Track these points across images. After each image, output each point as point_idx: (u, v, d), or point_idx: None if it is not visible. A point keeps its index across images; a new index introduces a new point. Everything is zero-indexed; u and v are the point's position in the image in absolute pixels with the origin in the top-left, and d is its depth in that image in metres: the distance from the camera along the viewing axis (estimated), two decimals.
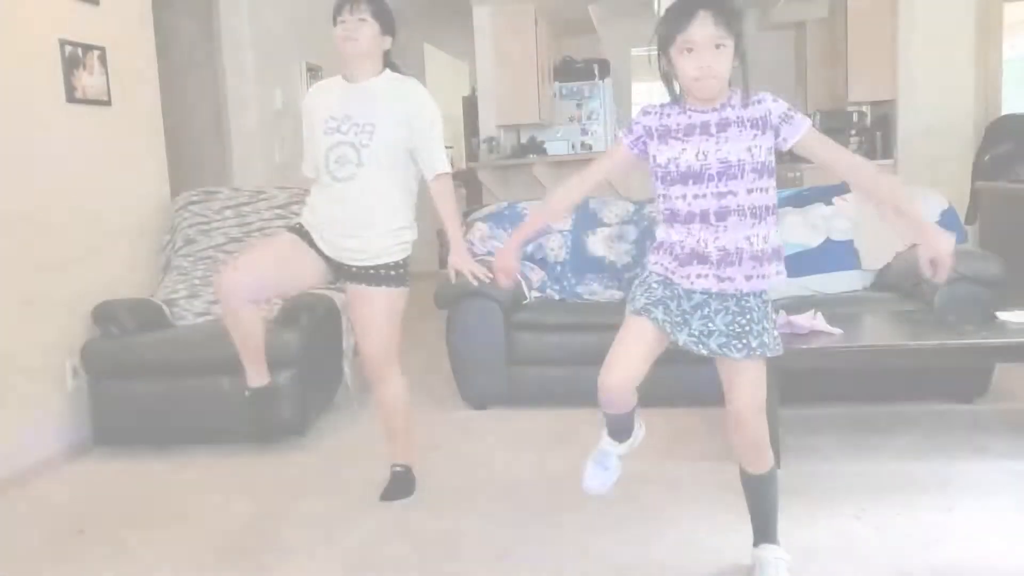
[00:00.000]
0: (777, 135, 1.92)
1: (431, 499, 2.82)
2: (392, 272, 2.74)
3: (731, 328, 1.96)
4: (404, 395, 2.86)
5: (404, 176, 2.72)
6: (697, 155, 1.92)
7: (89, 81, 3.64)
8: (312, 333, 3.50)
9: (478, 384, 3.81)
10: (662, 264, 2.01)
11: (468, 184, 9.33)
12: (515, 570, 2.30)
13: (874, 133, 6.65)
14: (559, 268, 4.17)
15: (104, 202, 3.74)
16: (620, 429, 2.20)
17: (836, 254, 3.88)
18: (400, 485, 2.85)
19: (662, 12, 2.01)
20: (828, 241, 3.91)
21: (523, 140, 7.70)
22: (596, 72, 8.31)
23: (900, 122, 6.17)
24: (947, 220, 3.96)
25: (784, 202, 4.13)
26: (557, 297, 4.10)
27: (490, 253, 4.23)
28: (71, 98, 3.54)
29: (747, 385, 2.00)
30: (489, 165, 6.94)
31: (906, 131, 6.14)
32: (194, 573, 2.40)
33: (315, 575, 2.36)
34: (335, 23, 2.66)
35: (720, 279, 1.94)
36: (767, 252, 1.94)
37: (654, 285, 2.01)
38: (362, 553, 2.46)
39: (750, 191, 1.91)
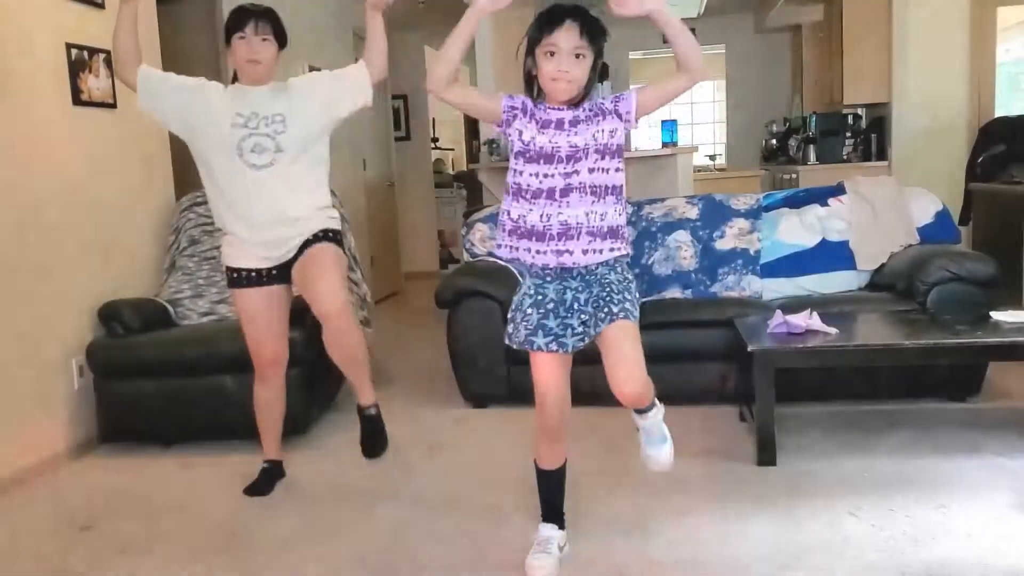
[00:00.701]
0: (619, 117, 2.07)
1: (432, 497, 2.82)
2: (331, 234, 2.79)
3: (595, 304, 2.07)
4: (362, 337, 2.85)
5: (319, 155, 2.79)
6: (550, 141, 2.06)
7: (95, 84, 3.64)
8: (315, 333, 3.49)
9: (478, 383, 3.81)
10: (507, 245, 2.12)
11: (468, 185, 9.35)
12: (516, 567, 2.30)
13: (869, 135, 6.65)
14: None
15: (109, 203, 3.74)
16: (553, 499, 2.30)
17: (831, 254, 3.89)
18: (379, 431, 2.88)
19: None
20: (824, 242, 3.91)
21: None
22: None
23: (895, 124, 6.18)
24: (941, 221, 3.97)
25: (780, 203, 4.15)
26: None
27: (490, 254, 4.23)
28: (77, 101, 3.54)
29: (627, 353, 2.04)
30: (489, 167, 6.92)
31: (900, 133, 6.15)
32: (198, 568, 2.40)
33: (318, 569, 2.36)
34: (230, 37, 2.68)
35: (559, 253, 2.05)
36: (603, 229, 2.05)
37: (528, 310, 2.13)
38: (364, 549, 2.46)
39: (591, 170, 2.04)
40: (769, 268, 3.91)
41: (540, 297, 2.12)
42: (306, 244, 2.73)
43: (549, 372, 2.13)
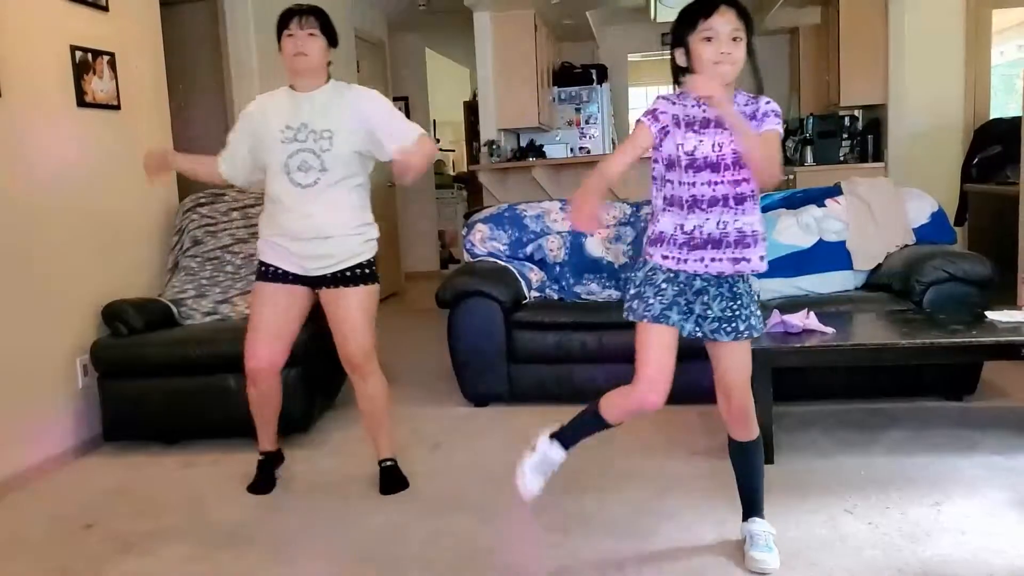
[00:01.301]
0: (759, 125, 2.04)
1: (432, 494, 2.82)
2: (365, 271, 2.76)
3: (724, 313, 2.09)
4: (385, 390, 2.88)
5: (361, 178, 2.76)
6: (713, 146, 2.02)
7: (99, 86, 3.64)
8: (316, 333, 3.49)
9: (479, 382, 3.81)
10: (672, 256, 2.07)
11: (469, 186, 9.34)
12: (515, 562, 2.30)
13: (865, 137, 6.65)
14: (558, 269, 4.16)
15: (113, 204, 3.74)
16: (583, 435, 2.29)
17: (828, 255, 3.88)
18: (397, 477, 2.88)
19: (657, 19, 2.07)
20: (820, 242, 3.90)
21: (523, 143, 7.70)
22: (594, 77, 8.32)
23: (891, 126, 6.18)
24: (937, 221, 3.97)
25: (777, 204, 4.14)
26: (556, 297, 4.10)
27: (491, 254, 4.23)
28: (81, 102, 3.54)
29: (738, 363, 2.14)
30: (489, 168, 6.93)
31: (896, 135, 6.15)
32: (201, 565, 2.40)
33: (320, 567, 2.36)
34: (280, 35, 2.68)
35: (735, 261, 2.04)
36: (759, 235, 2.07)
37: (663, 285, 2.09)
38: (366, 547, 2.46)
39: (750, 179, 2.03)
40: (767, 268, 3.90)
41: (672, 275, 2.09)
42: (342, 280, 2.72)
43: (667, 352, 2.09)
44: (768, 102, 2.08)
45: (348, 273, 2.72)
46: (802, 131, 7.09)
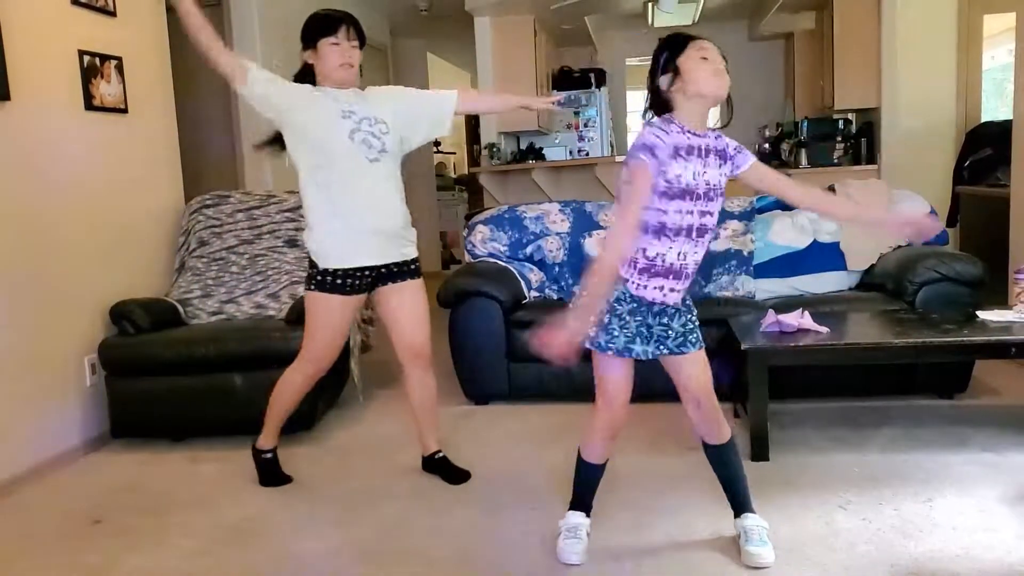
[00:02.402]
0: (733, 164, 2.11)
1: (435, 490, 2.82)
2: (417, 264, 2.86)
3: (685, 327, 2.16)
4: (434, 379, 2.94)
5: (399, 173, 2.80)
6: (694, 175, 2.03)
7: (107, 90, 3.64)
8: None
9: (479, 380, 3.81)
10: (632, 281, 2.10)
11: (469, 188, 9.35)
12: (516, 558, 2.30)
13: (859, 139, 6.65)
14: (557, 269, 4.17)
15: (121, 205, 3.75)
16: (588, 491, 2.32)
17: (823, 255, 3.88)
18: (458, 470, 2.92)
19: (654, 24, 2.10)
20: (815, 243, 3.91)
21: (523, 146, 7.70)
22: (593, 81, 8.31)
23: (884, 129, 6.18)
24: None
25: (773, 205, 4.14)
26: (555, 297, 4.10)
27: (491, 255, 4.23)
28: (89, 106, 3.54)
29: (701, 369, 2.18)
30: (490, 170, 6.93)
31: (890, 137, 6.15)
32: (207, 560, 2.40)
33: (324, 562, 2.36)
34: (321, 41, 2.64)
35: (680, 293, 2.14)
36: (699, 265, 2.15)
37: (626, 316, 2.11)
38: (369, 543, 2.46)
39: (713, 213, 2.10)
40: (762, 269, 3.91)
41: (636, 305, 2.11)
42: (402, 272, 2.77)
43: (625, 376, 2.17)
44: (723, 138, 2.14)
45: (414, 265, 2.81)
46: (797, 134, 7.10)
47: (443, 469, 2.93)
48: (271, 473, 2.98)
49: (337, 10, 2.72)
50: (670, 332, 2.14)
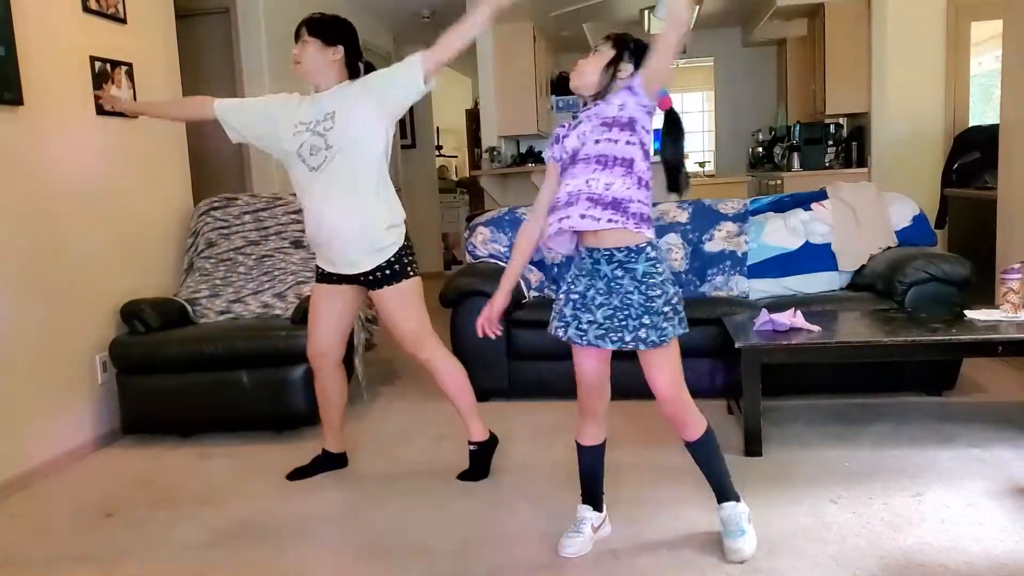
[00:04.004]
0: (630, 90, 2.04)
1: (438, 485, 2.83)
2: (399, 266, 2.74)
3: (617, 319, 2.04)
4: (456, 371, 2.87)
5: (371, 155, 2.65)
6: (577, 137, 2.08)
7: (117, 95, 3.64)
8: None
9: (480, 378, 3.77)
10: (554, 225, 2.08)
11: (471, 190, 9.34)
12: (517, 552, 2.31)
13: (850, 143, 6.66)
14: (556, 269, 4.17)
15: (131, 208, 3.75)
16: (588, 480, 2.31)
17: (814, 256, 3.89)
18: (477, 465, 2.88)
19: (650, 31, 2.10)
20: (807, 244, 3.91)
21: (522, 150, 7.72)
22: None
23: (874, 133, 6.19)
24: (918, 224, 3.98)
25: (766, 208, 4.15)
26: (554, 296, 4.10)
27: (492, 255, 4.24)
28: (100, 111, 3.55)
29: (656, 373, 2.08)
30: (490, 173, 6.94)
31: (880, 141, 6.16)
32: (216, 552, 2.41)
33: (329, 555, 2.37)
34: None
35: (560, 220, 2.04)
36: (605, 198, 1.99)
37: (564, 306, 2.14)
38: (374, 535, 2.46)
39: (597, 141, 2.03)
40: (755, 269, 3.91)
41: (574, 296, 2.12)
42: (376, 281, 2.73)
43: (584, 359, 2.15)
44: (624, 90, 2.07)
45: (378, 274, 2.73)
46: (789, 138, 7.10)
47: (470, 460, 2.91)
48: (305, 468, 2.98)
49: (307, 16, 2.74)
50: (597, 315, 2.06)
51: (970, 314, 3.12)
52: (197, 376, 3.43)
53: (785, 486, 2.62)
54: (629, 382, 2.32)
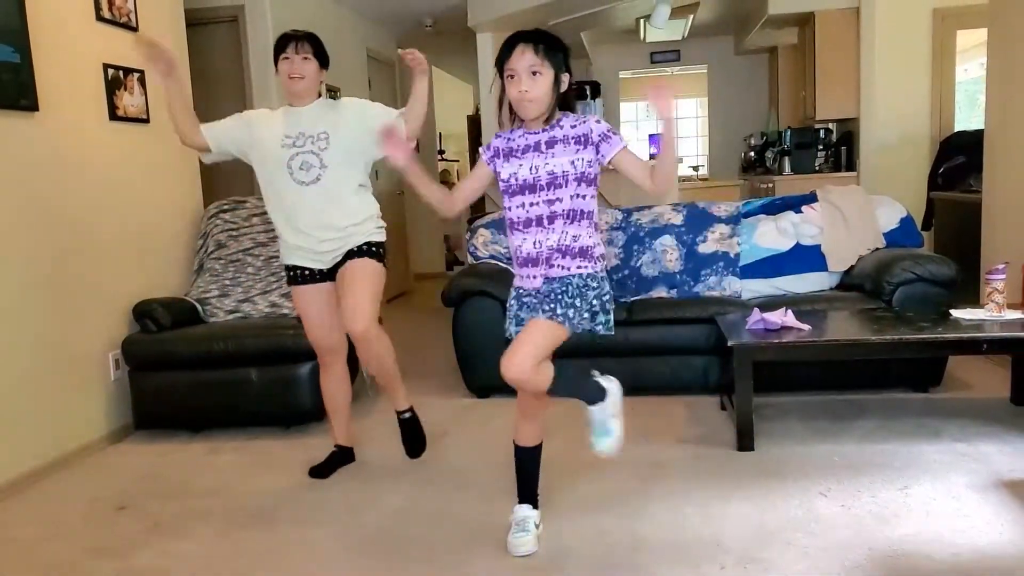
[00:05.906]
0: (597, 151, 2.03)
1: (439, 478, 2.83)
2: (374, 248, 2.77)
3: (545, 297, 2.06)
4: (389, 344, 2.83)
5: (362, 176, 2.78)
6: (531, 169, 2.05)
7: (130, 101, 3.65)
8: None
9: (481, 375, 3.82)
10: (518, 274, 2.14)
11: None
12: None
13: (839, 148, 6.66)
14: None
15: (143, 210, 3.76)
16: (529, 479, 2.33)
17: (805, 257, 3.89)
18: (418, 434, 2.95)
19: (646, 39, 2.08)
20: (798, 246, 3.91)
21: None
22: (588, 93, 8.32)
23: (863, 138, 6.19)
24: (905, 226, 3.98)
25: (758, 210, 4.15)
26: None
27: (493, 257, 4.24)
28: (113, 116, 3.55)
29: (518, 343, 2.05)
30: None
31: (868, 146, 6.16)
32: (225, 544, 2.41)
33: (335, 545, 2.37)
34: (278, 59, 2.71)
35: (548, 279, 2.06)
36: (573, 249, 2.04)
37: (513, 307, 2.16)
38: (378, 528, 2.47)
39: (572, 197, 2.03)
40: (747, 270, 3.92)
41: (521, 298, 2.15)
42: (349, 255, 2.74)
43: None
44: (598, 121, 2.05)
45: (360, 248, 2.74)
46: (781, 143, 7.10)
47: (401, 431, 2.97)
48: (320, 464, 2.97)
49: (299, 30, 2.75)
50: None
51: (956, 313, 3.12)
52: (207, 373, 3.43)
53: (776, 480, 2.62)
54: (621, 381, 2.32)
